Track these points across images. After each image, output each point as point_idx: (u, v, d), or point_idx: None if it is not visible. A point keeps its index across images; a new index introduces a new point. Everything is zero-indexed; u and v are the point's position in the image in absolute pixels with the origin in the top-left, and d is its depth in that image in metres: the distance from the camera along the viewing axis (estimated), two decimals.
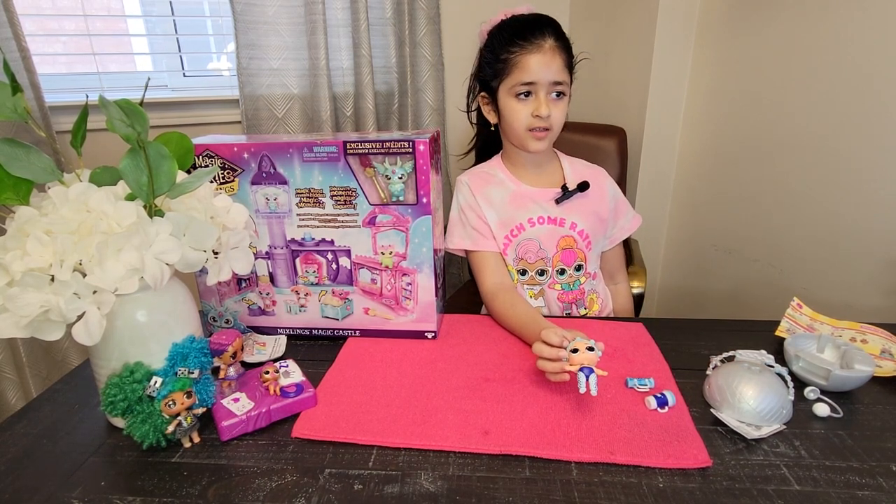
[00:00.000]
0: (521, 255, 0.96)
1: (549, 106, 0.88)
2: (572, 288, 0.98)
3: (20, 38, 1.28)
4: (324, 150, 0.73)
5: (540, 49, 0.86)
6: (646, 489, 0.53)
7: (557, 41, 0.88)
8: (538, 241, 0.95)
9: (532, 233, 0.95)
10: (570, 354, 0.62)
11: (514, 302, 0.86)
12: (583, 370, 0.60)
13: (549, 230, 0.95)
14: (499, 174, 0.99)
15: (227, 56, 1.71)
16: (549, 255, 0.96)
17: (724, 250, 1.47)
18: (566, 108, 0.91)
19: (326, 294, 0.81)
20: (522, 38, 0.87)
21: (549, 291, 0.97)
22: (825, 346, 0.74)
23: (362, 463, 0.57)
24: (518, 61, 0.88)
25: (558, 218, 0.96)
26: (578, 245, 0.97)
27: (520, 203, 0.96)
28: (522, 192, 0.97)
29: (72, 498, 0.53)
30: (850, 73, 1.08)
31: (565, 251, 0.96)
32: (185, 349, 0.61)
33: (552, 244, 0.96)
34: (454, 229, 0.98)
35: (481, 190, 0.97)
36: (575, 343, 0.62)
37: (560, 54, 0.88)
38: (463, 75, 1.81)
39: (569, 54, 0.90)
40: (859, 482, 0.53)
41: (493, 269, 0.94)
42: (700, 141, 1.53)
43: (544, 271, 0.96)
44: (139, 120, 0.55)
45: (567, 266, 0.97)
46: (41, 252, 0.51)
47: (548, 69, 0.86)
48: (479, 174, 1.00)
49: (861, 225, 1.09)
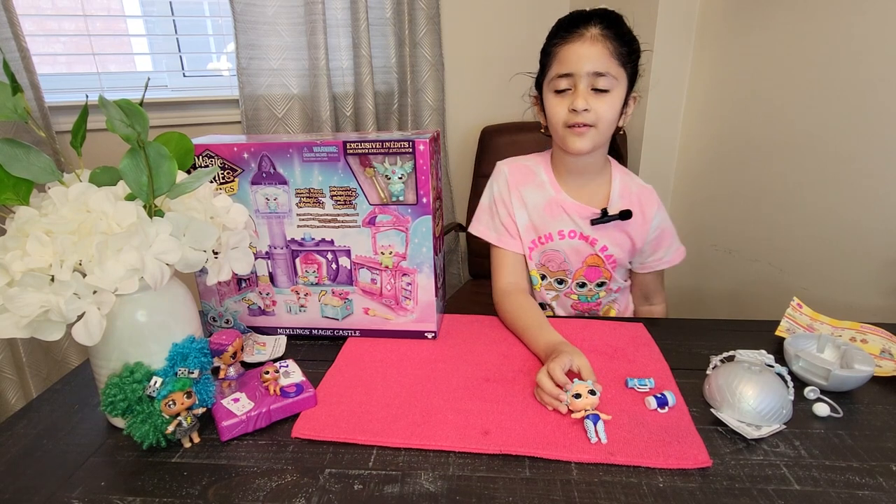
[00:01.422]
0: (544, 262, 0.94)
1: (588, 99, 0.79)
2: (590, 300, 0.96)
3: (20, 38, 1.28)
4: (324, 150, 0.73)
5: (580, 38, 0.79)
6: (646, 489, 0.53)
7: (606, 30, 0.79)
8: (564, 254, 0.92)
9: (560, 245, 0.91)
10: (573, 399, 0.62)
11: (524, 304, 0.85)
12: (590, 418, 0.60)
13: (578, 246, 0.91)
14: (542, 174, 0.92)
15: (227, 56, 1.71)
16: (572, 269, 0.93)
17: (724, 250, 1.47)
18: (616, 105, 0.81)
19: (326, 294, 0.81)
20: (565, 30, 0.81)
21: (564, 298, 0.96)
22: (825, 345, 0.74)
23: (362, 463, 0.57)
24: (556, 52, 0.82)
25: (590, 237, 0.90)
26: (605, 265, 0.92)
27: (554, 212, 0.91)
28: (561, 201, 0.90)
29: (72, 498, 0.53)
30: (850, 72, 1.08)
31: (591, 268, 0.92)
32: (185, 349, 0.61)
33: (578, 260, 0.92)
34: (482, 216, 0.95)
35: (518, 188, 0.92)
36: (577, 388, 0.62)
37: (607, 43, 0.78)
38: (463, 75, 1.80)
39: (622, 44, 0.80)
40: (859, 482, 0.53)
41: (510, 269, 0.93)
42: (700, 141, 1.53)
43: (563, 281, 0.94)
44: (139, 120, 0.55)
45: (589, 281, 0.94)
46: (41, 252, 0.51)
47: (586, 59, 0.78)
48: (521, 167, 0.94)
49: (861, 225, 1.09)
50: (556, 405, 0.63)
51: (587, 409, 0.61)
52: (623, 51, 0.80)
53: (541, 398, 0.65)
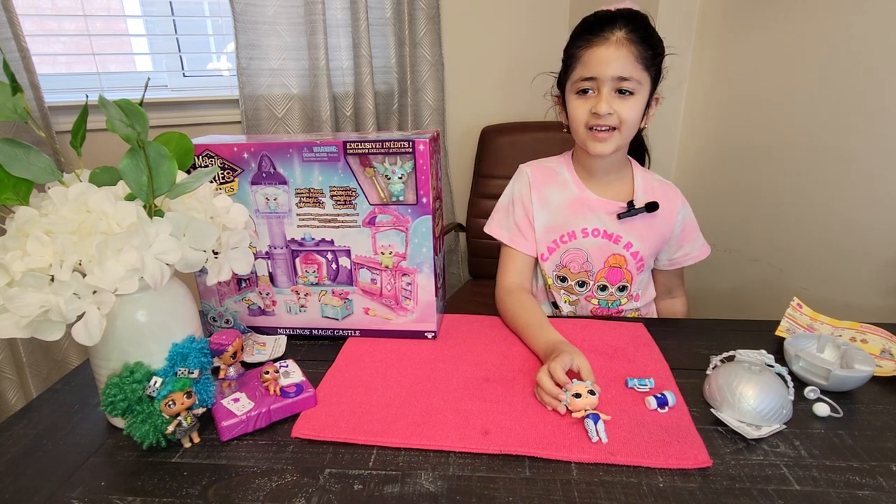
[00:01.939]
0: (565, 263, 0.93)
1: (612, 103, 0.80)
2: (610, 306, 0.94)
3: (20, 38, 1.28)
4: (324, 150, 0.73)
5: (605, 42, 0.79)
6: (646, 489, 0.53)
7: (631, 33, 0.79)
8: (587, 252, 0.91)
9: (583, 243, 0.91)
10: (573, 399, 0.62)
11: (525, 302, 0.85)
12: (590, 417, 0.60)
13: (601, 244, 0.91)
14: (565, 173, 0.93)
15: (227, 56, 1.71)
16: (594, 269, 0.92)
17: (724, 250, 1.47)
18: (639, 107, 0.82)
19: (326, 294, 0.81)
20: (590, 32, 0.81)
21: (584, 303, 0.94)
22: (825, 345, 0.74)
23: (362, 463, 0.57)
24: (581, 55, 0.81)
25: (614, 234, 0.90)
26: (628, 266, 0.91)
27: (579, 210, 0.91)
28: (585, 198, 0.91)
29: (72, 498, 0.53)
30: (849, 72, 1.08)
31: (612, 269, 0.92)
32: (185, 349, 0.61)
33: (600, 259, 0.91)
34: (499, 216, 0.96)
35: (540, 188, 0.92)
36: (576, 388, 0.63)
37: (631, 47, 0.78)
38: (463, 75, 1.80)
39: (647, 47, 0.80)
40: (859, 482, 0.53)
41: (517, 270, 0.93)
42: (700, 141, 1.53)
43: (585, 283, 0.93)
44: (139, 120, 0.55)
45: (611, 284, 0.93)
46: (41, 252, 0.51)
47: (610, 63, 0.79)
48: (544, 168, 0.94)
49: (861, 225, 1.09)
50: (556, 405, 0.63)
51: (587, 409, 0.61)
52: (648, 54, 0.80)
53: (541, 397, 0.65)
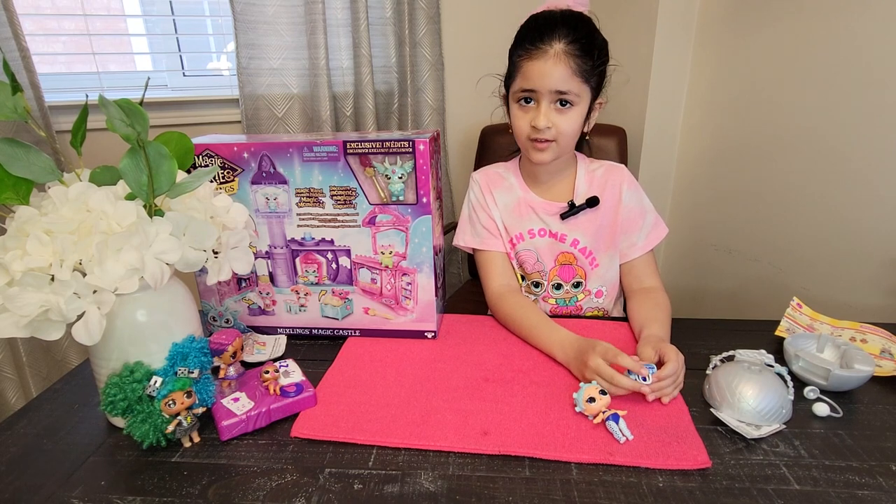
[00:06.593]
0: (521, 264, 0.95)
1: (550, 116, 0.81)
2: (567, 304, 0.95)
3: (20, 38, 1.28)
4: (324, 149, 0.73)
5: (543, 55, 0.78)
6: (646, 489, 0.53)
7: (570, 45, 0.78)
8: (537, 253, 0.93)
9: (532, 244, 0.93)
10: (587, 405, 0.62)
11: (523, 304, 0.85)
12: (611, 419, 0.60)
13: (548, 244, 0.92)
14: (511, 178, 0.95)
15: (227, 56, 1.71)
16: (545, 269, 0.93)
17: (724, 250, 1.47)
18: (578, 118, 0.82)
19: (326, 294, 0.81)
20: (530, 42, 0.80)
21: (542, 304, 0.96)
22: (825, 345, 0.74)
23: (362, 463, 0.57)
24: (521, 66, 0.81)
25: (559, 233, 0.91)
26: (579, 262, 0.93)
27: (523, 212, 0.93)
28: (529, 200, 0.93)
29: (72, 498, 0.53)
30: (850, 72, 1.07)
31: (564, 266, 0.93)
32: (185, 349, 0.61)
33: (550, 258, 0.93)
34: (464, 227, 0.97)
35: (491, 191, 0.94)
36: (587, 392, 0.63)
37: (570, 60, 0.78)
38: (463, 75, 1.80)
39: (585, 59, 0.79)
40: (859, 482, 0.53)
41: (500, 271, 0.93)
42: (700, 141, 1.53)
43: (539, 284, 0.94)
44: (139, 120, 0.55)
45: (564, 282, 0.94)
46: (41, 252, 0.51)
47: (549, 77, 0.79)
48: (491, 174, 0.97)
49: (861, 225, 1.09)
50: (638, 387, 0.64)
51: (603, 409, 0.61)
52: (587, 67, 0.79)
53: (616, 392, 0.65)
